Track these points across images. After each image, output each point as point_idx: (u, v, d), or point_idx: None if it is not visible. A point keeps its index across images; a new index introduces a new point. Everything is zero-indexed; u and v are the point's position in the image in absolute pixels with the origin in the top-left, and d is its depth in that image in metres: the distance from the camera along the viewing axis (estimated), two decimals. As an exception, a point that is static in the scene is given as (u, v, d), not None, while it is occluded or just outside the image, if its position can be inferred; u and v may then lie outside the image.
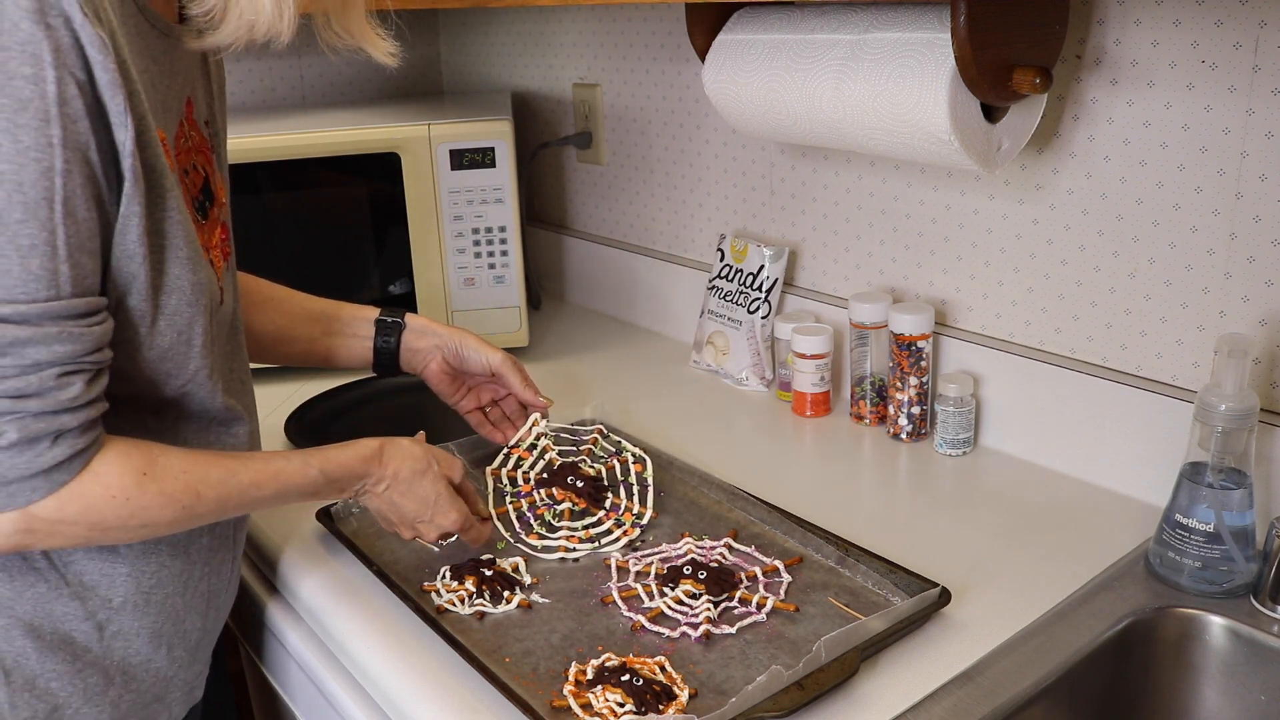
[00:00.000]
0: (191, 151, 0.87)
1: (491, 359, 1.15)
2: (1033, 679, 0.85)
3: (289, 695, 1.11)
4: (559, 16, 1.75)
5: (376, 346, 1.15)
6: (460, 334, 1.16)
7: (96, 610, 0.84)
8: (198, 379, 0.84)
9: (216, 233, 0.90)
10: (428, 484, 0.96)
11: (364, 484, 0.94)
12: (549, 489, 1.11)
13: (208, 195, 0.89)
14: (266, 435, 1.34)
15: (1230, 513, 0.93)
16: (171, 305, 0.80)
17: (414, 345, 1.15)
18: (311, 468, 0.89)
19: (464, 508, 0.99)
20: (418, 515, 0.97)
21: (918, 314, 1.23)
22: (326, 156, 1.50)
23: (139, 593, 0.86)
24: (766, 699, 0.80)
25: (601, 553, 1.04)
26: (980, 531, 1.07)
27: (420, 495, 0.96)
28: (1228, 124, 0.99)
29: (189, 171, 0.86)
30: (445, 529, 0.98)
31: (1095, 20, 1.06)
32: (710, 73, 1.22)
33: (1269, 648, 0.89)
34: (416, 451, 0.97)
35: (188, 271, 0.80)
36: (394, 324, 1.15)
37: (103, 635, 0.85)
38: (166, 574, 0.88)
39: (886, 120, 1.04)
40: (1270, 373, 1.01)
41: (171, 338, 0.80)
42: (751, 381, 1.45)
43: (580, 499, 1.09)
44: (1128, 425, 1.11)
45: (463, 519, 0.98)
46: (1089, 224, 1.11)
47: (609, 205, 1.76)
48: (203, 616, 0.93)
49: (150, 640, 0.88)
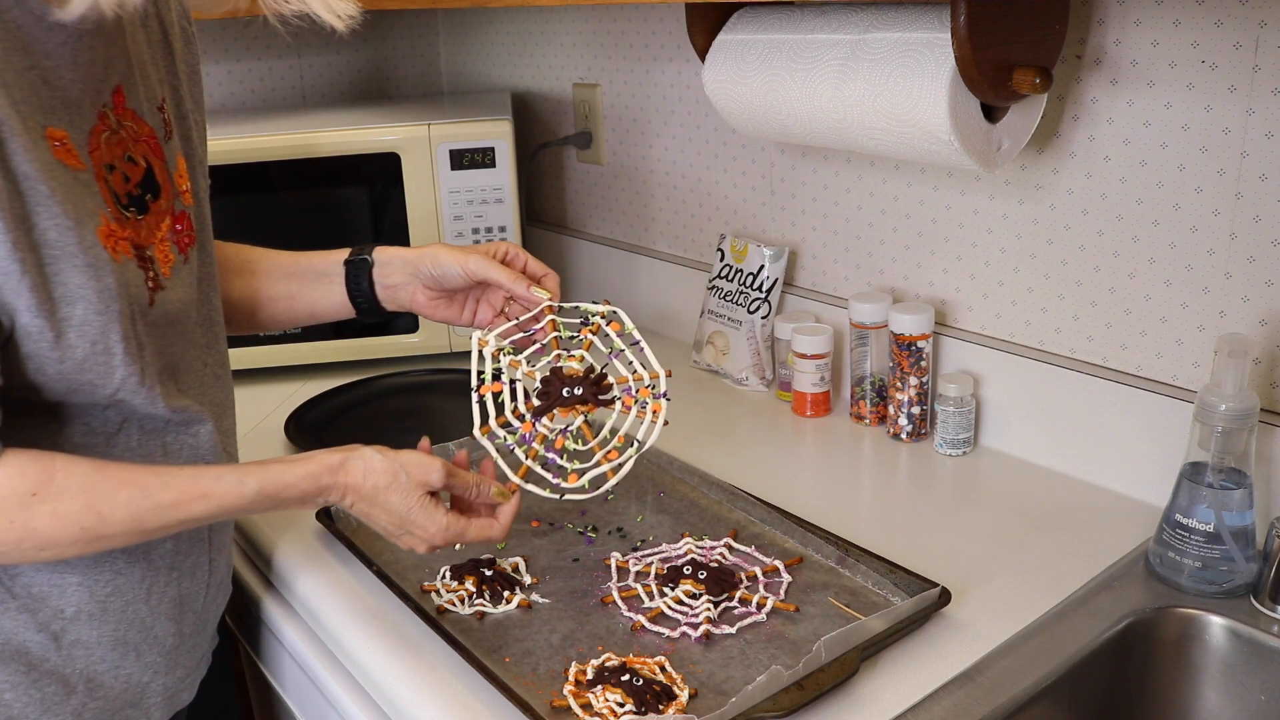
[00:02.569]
0: (125, 143, 0.81)
1: (468, 265, 1.00)
2: (1033, 679, 0.85)
3: (289, 695, 1.11)
4: (559, 16, 1.75)
5: (350, 291, 1.05)
6: (430, 251, 1.02)
7: (49, 621, 0.81)
8: (128, 386, 0.78)
9: (165, 225, 0.84)
10: (395, 497, 0.88)
11: (324, 499, 0.87)
12: (549, 413, 0.94)
13: (150, 187, 0.83)
14: (267, 435, 1.35)
15: (1230, 513, 0.93)
16: (78, 316, 0.74)
17: (387, 282, 1.04)
18: (247, 485, 0.82)
19: (442, 518, 0.90)
20: (392, 530, 0.90)
21: (918, 314, 1.23)
22: (326, 156, 1.50)
23: (93, 601, 0.83)
24: (766, 699, 0.80)
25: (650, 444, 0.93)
26: (980, 531, 1.07)
27: (390, 509, 0.88)
28: (1228, 124, 0.99)
29: (115, 166, 0.79)
30: (430, 542, 0.90)
31: (1095, 20, 1.06)
32: (710, 73, 1.22)
33: (1269, 648, 0.89)
34: (378, 463, 0.88)
35: (90, 279, 0.74)
36: (361, 262, 1.05)
37: (59, 645, 0.82)
38: (124, 581, 0.85)
39: (886, 120, 1.04)
40: (1270, 373, 1.01)
41: (85, 349, 0.75)
42: (751, 381, 1.45)
43: (587, 403, 0.94)
44: (1128, 425, 1.11)
45: (442, 531, 0.90)
46: (1089, 224, 1.11)
47: (609, 205, 1.76)
48: (176, 622, 0.89)
49: (115, 648, 0.85)
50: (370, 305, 1.05)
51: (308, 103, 1.95)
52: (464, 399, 1.03)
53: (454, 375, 1.50)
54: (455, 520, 0.91)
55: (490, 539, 0.93)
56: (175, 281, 0.85)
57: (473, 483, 0.93)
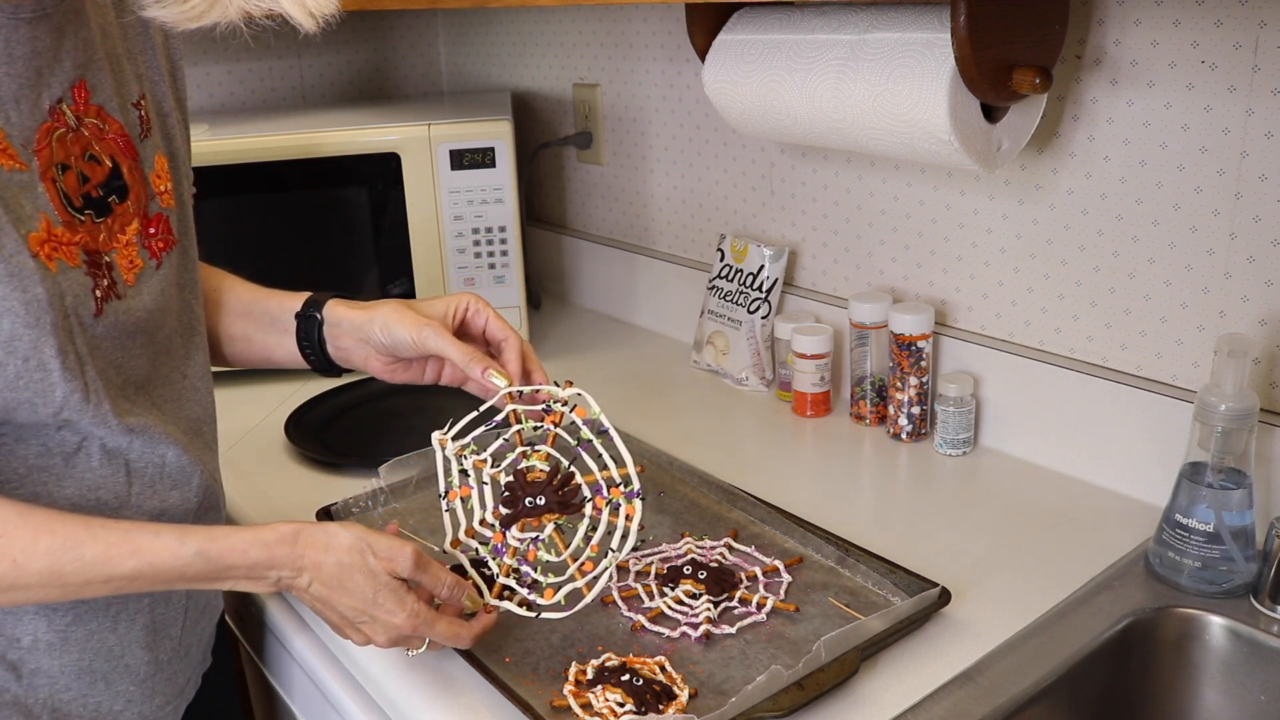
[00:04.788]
0: (85, 141, 0.77)
1: (421, 337, 0.91)
2: (1033, 679, 0.85)
3: (288, 694, 1.11)
4: (559, 16, 1.75)
5: (300, 345, 0.98)
6: (383, 315, 0.93)
7: (5, 650, 0.78)
8: (70, 404, 0.73)
9: (132, 228, 0.80)
10: (360, 579, 0.78)
11: (276, 575, 0.78)
12: (519, 521, 0.86)
13: (115, 188, 0.79)
14: (267, 435, 1.35)
15: (1230, 513, 0.93)
16: (5, 330, 0.69)
17: (340, 343, 0.97)
18: (187, 546, 0.74)
19: (412, 604, 0.80)
20: (357, 614, 0.80)
21: (918, 314, 1.23)
22: (327, 157, 1.50)
23: (51, 631, 0.79)
24: (766, 699, 0.80)
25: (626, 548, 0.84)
26: (980, 531, 1.07)
27: (355, 591, 0.79)
28: (1227, 124, 0.99)
29: (69, 165, 0.75)
30: (394, 631, 0.80)
31: (1095, 20, 1.06)
32: (710, 73, 1.22)
33: (1269, 648, 0.90)
34: (344, 540, 0.79)
35: (14, 290, 0.69)
36: (310, 318, 0.97)
37: (19, 675, 0.79)
38: (86, 609, 0.80)
39: (886, 120, 1.04)
40: (1270, 373, 1.01)
41: (16, 365, 0.70)
42: (751, 381, 1.45)
43: (556, 511, 0.86)
44: (1127, 425, 1.11)
45: (410, 619, 0.79)
46: (1089, 224, 1.11)
47: (609, 205, 1.76)
48: (150, 650, 0.85)
49: (80, 677, 0.81)
50: (324, 365, 0.99)
51: (308, 103, 1.95)
52: (464, 399, 1.03)
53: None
54: (424, 609, 0.81)
55: (457, 643, 0.84)
56: (140, 289, 0.80)
57: (446, 581, 0.83)
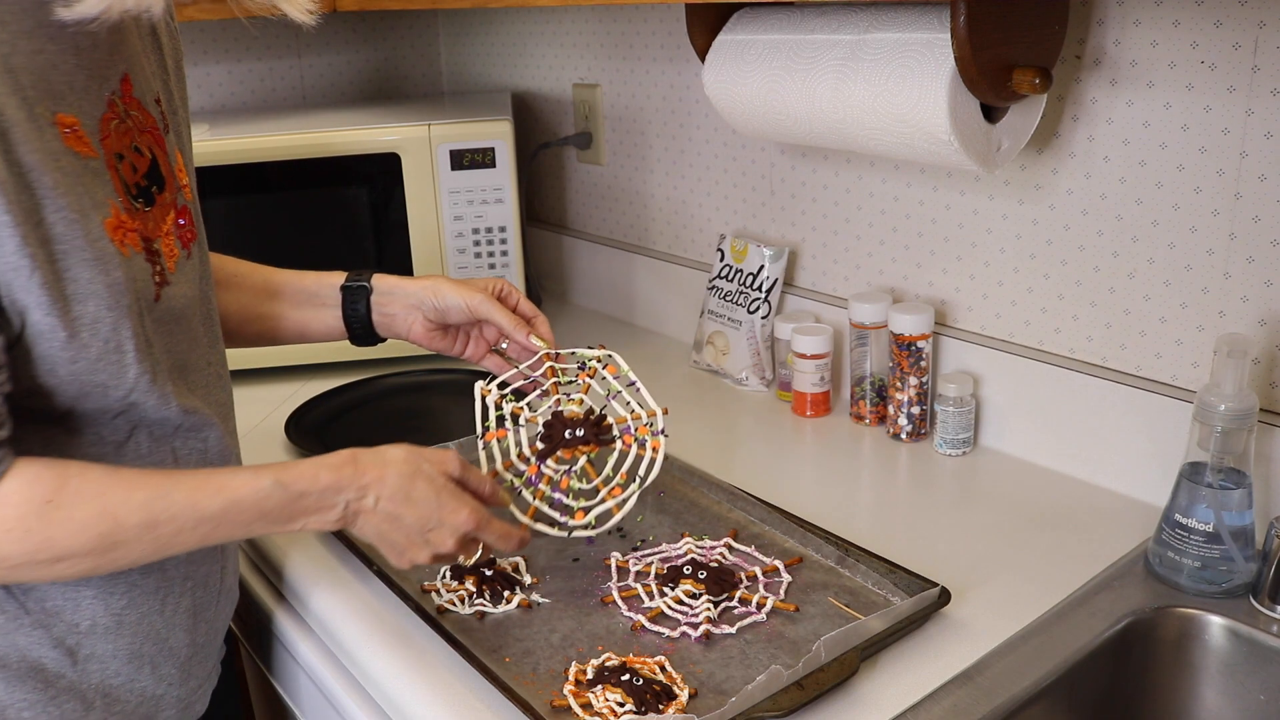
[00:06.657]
0: (132, 133, 0.79)
1: (472, 303, 1.02)
2: (1032, 679, 0.85)
3: (289, 694, 1.11)
4: (559, 16, 1.75)
5: (345, 315, 1.05)
6: (433, 284, 1.03)
7: (64, 636, 0.80)
8: (141, 386, 0.76)
9: (169, 219, 0.83)
10: (422, 485, 0.84)
11: (345, 500, 0.82)
12: (553, 454, 0.97)
13: (156, 179, 0.81)
14: (266, 435, 1.35)
15: (1230, 513, 0.93)
16: (90, 313, 0.72)
17: (387, 310, 1.04)
18: (263, 479, 0.78)
19: (473, 501, 0.87)
20: (424, 522, 0.84)
21: (917, 314, 1.23)
22: (327, 157, 1.50)
23: (109, 615, 0.81)
24: (766, 699, 0.80)
25: (650, 480, 0.96)
26: (980, 531, 1.07)
27: (419, 498, 0.84)
28: (1227, 124, 0.99)
29: (124, 155, 0.77)
30: (460, 529, 0.86)
31: (1095, 20, 1.06)
32: (710, 73, 1.22)
33: (1268, 648, 0.90)
34: (397, 454, 0.85)
35: (99, 274, 0.72)
36: (359, 289, 1.04)
37: (75, 660, 0.81)
38: (139, 593, 0.83)
39: (886, 120, 1.04)
40: (1270, 373, 1.01)
41: (98, 348, 0.73)
42: (751, 381, 1.45)
43: (589, 444, 0.97)
44: (1127, 425, 1.11)
45: (475, 514, 0.86)
46: (1088, 224, 1.11)
47: (609, 205, 1.76)
48: (190, 632, 0.88)
49: (130, 661, 0.83)
50: (365, 331, 1.06)
51: (308, 103, 1.95)
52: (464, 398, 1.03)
53: (454, 375, 1.50)
54: (481, 505, 0.88)
55: (508, 545, 0.90)
56: (180, 277, 0.83)
57: (486, 480, 0.91)
